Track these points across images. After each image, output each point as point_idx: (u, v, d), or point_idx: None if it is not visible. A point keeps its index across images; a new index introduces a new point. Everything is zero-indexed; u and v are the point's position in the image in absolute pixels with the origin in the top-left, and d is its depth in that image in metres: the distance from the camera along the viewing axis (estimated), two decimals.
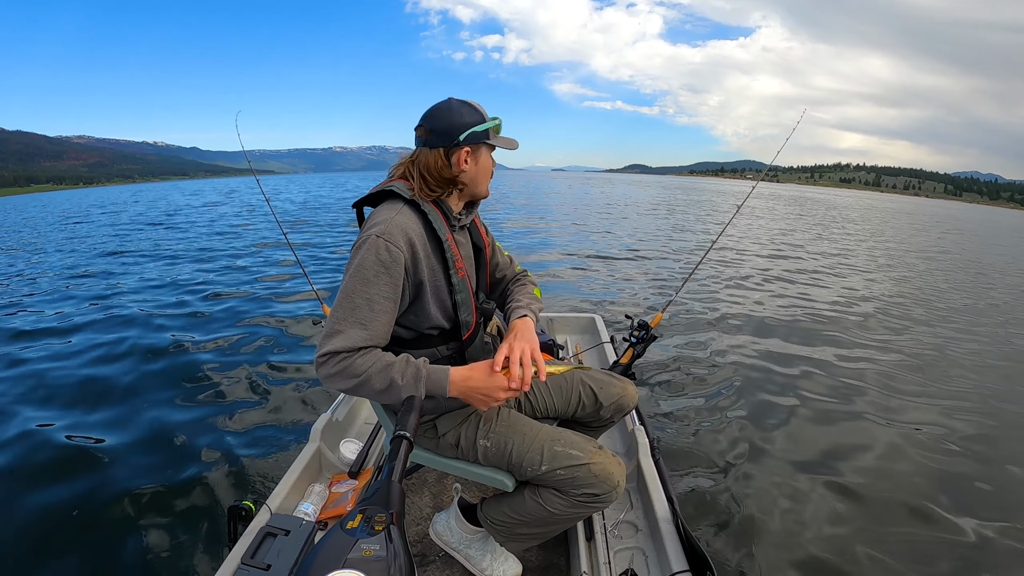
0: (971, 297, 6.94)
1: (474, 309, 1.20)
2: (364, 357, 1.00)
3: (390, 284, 1.03)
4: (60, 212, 24.39)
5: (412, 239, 1.06)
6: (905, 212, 34.95)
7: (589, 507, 1.13)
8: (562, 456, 1.12)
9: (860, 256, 10.30)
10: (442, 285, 1.15)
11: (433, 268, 1.13)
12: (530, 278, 1.42)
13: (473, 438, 1.20)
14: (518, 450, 1.15)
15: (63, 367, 3.78)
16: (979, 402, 3.39)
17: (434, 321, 1.16)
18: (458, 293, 1.15)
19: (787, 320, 5.13)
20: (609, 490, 1.10)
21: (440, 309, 1.16)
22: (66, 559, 1.92)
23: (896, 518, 2.19)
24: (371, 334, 1.01)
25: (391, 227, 1.04)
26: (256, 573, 1.15)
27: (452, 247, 1.14)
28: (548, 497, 1.13)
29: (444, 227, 1.13)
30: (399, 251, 1.03)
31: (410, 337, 1.17)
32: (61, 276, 7.58)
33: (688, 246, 10.28)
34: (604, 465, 1.11)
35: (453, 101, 1.14)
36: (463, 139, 1.11)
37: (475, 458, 1.22)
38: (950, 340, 4.78)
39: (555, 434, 1.17)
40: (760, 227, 14.83)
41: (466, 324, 1.19)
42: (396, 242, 1.03)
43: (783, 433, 2.84)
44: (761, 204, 28.16)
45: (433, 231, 1.11)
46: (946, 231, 19.84)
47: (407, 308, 1.12)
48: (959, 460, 2.66)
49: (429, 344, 1.18)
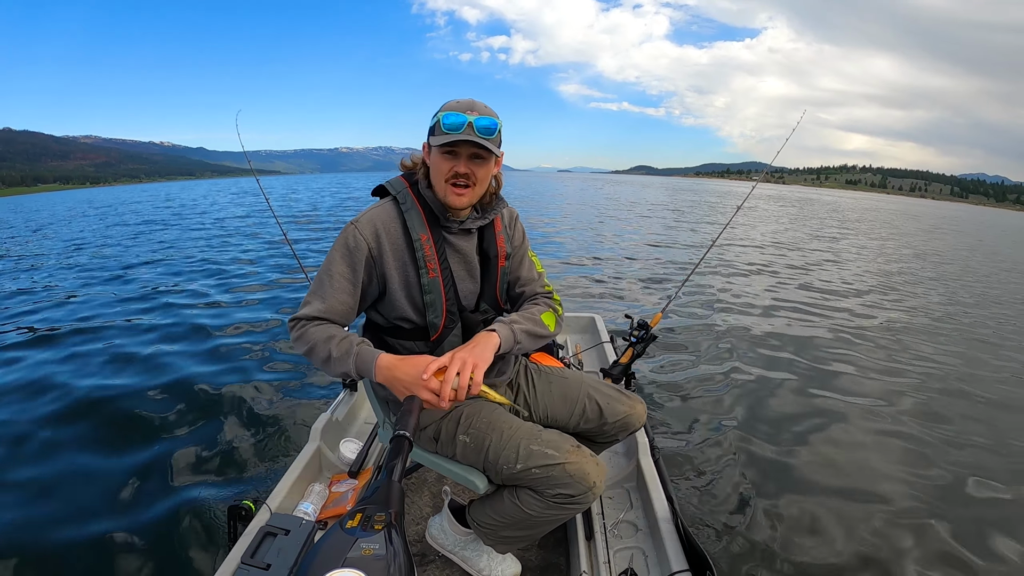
0: (969, 296, 6.95)
1: (444, 312, 1.17)
2: (317, 328, 1.09)
3: (350, 267, 1.11)
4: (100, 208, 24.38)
5: (380, 232, 1.13)
6: (908, 214, 34.99)
7: (565, 508, 1.10)
8: (538, 455, 1.09)
9: (858, 259, 10.30)
10: (413, 282, 1.16)
11: (404, 264, 1.15)
12: (553, 300, 1.34)
13: (453, 432, 1.20)
14: (495, 447, 1.14)
15: (63, 367, 3.78)
16: (981, 394, 3.39)
17: (404, 315, 1.18)
18: (427, 294, 1.15)
19: (787, 319, 5.14)
20: (584, 491, 1.07)
21: (411, 305, 1.17)
22: (66, 559, 1.93)
23: (896, 517, 2.19)
24: (327, 307, 1.10)
25: (364, 218, 1.14)
26: (256, 572, 1.15)
27: (425, 247, 1.14)
28: (525, 498, 1.12)
29: (422, 225, 1.15)
30: (363, 240, 1.11)
31: (385, 325, 1.22)
32: (61, 265, 7.58)
33: (688, 246, 10.28)
34: (580, 465, 1.08)
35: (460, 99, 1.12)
36: (428, 133, 1.14)
37: (453, 453, 1.21)
38: (960, 349, 4.77)
39: (533, 432, 1.15)
40: (760, 227, 14.82)
41: (433, 326, 1.18)
42: (363, 232, 1.12)
43: (783, 433, 2.84)
44: (762, 206, 28.15)
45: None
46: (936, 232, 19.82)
47: (379, 297, 1.18)
48: (960, 458, 2.66)
49: (402, 335, 1.21)
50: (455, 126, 1.05)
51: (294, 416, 2.92)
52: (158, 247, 10.38)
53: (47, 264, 8.80)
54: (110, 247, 10.65)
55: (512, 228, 1.31)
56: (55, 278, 7.41)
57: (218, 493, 2.27)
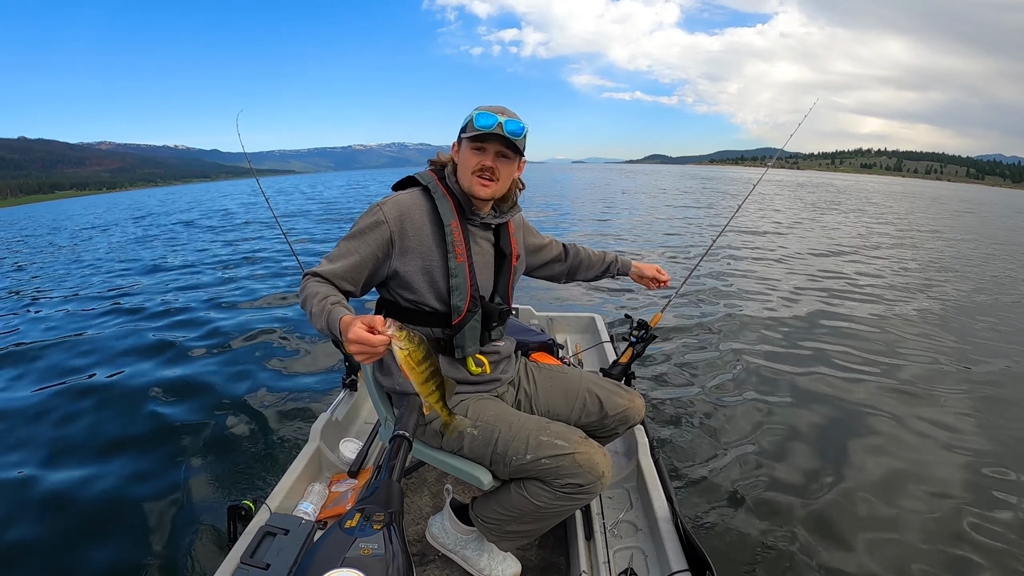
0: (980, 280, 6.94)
1: (468, 297, 1.21)
2: (313, 283, 1.13)
3: (363, 241, 1.17)
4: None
5: (404, 215, 1.18)
6: (916, 196, 34.84)
7: (574, 498, 1.13)
8: (547, 445, 1.13)
9: (868, 249, 10.27)
10: (437, 267, 1.20)
11: (428, 248, 1.20)
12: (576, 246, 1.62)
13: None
14: (504, 438, 1.16)
15: (60, 365, 3.79)
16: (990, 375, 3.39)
17: (423, 299, 1.21)
18: (453, 277, 1.19)
19: (788, 319, 5.13)
20: (594, 480, 1.11)
21: (431, 289, 1.20)
22: (66, 558, 1.93)
23: (895, 517, 2.19)
24: (333, 269, 1.15)
25: (391, 200, 1.21)
26: (255, 572, 1.15)
27: (455, 232, 1.20)
28: (533, 489, 1.14)
29: (452, 213, 1.21)
30: (385, 221, 1.16)
31: (405, 306, 1.24)
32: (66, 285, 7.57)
33: (689, 243, 10.26)
34: (589, 455, 1.12)
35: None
36: (460, 134, 1.22)
37: (459, 448, 1.23)
38: (967, 341, 4.76)
39: (541, 424, 1.19)
40: (769, 218, 14.75)
41: (457, 309, 1.21)
42: (387, 212, 1.17)
43: (783, 432, 2.84)
44: (770, 190, 27.80)
45: (438, 215, 1.20)
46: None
47: (394, 277, 1.21)
48: (961, 452, 2.66)
49: (420, 321, 1.23)
50: (487, 124, 1.14)
51: (294, 416, 2.92)
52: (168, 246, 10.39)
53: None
54: (108, 253, 10.65)
55: (521, 231, 1.42)
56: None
57: (218, 493, 2.27)
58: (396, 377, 1.28)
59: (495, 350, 1.33)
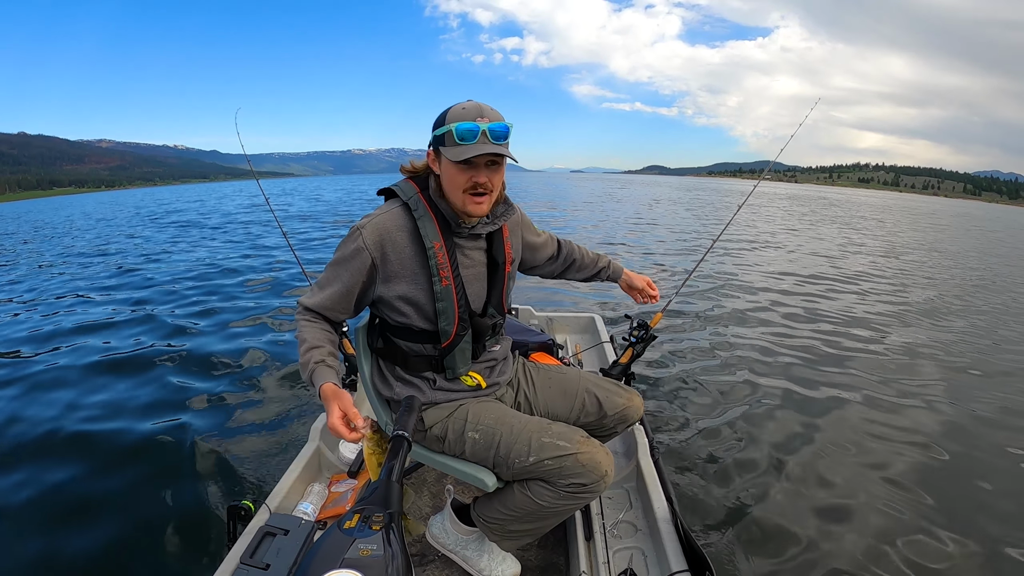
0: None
1: (456, 320, 1.18)
2: (307, 325, 1.17)
3: (346, 269, 1.15)
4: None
5: (384, 239, 1.13)
6: (909, 209, 34.95)
7: (578, 498, 1.13)
8: (549, 447, 1.12)
9: (860, 255, 10.28)
10: (422, 290, 1.16)
11: (412, 272, 1.15)
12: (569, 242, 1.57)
13: (461, 431, 1.21)
14: (506, 441, 1.16)
15: (62, 364, 3.79)
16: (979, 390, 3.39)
17: (411, 321, 1.19)
18: (439, 302, 1.16)
19: (788, 319, 5.13)
20: (597, 479, 1.10)
21: (418, 313, 1.18)
22: (62, 557, 1.92)
23: (895, 518, 2.19)
24: (321, 299, 1.17)
25: (371, 225, 1.14)
26: (255, 572, 1.15)
27: (438, 255, 1.14)
28: (537, 490, 1.14)
29: (435, 233, 1.14)
30: (365, 249, 1.12)
31: (395, 325, 1.23)
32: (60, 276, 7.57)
33: (689, 245, 10.27)
34: (592, 455, 1.11)
35: (462, 102, 1.09)
36: (432, 140, 1.12)
37: (461, 451, 1.22)
38: (968, 344, 4.77)
39: (543, 425, 1.18)
40: (762, 227, 14.81)
41: (445, 333, 1.19)
42: (367, 238, 1.12)
43: (783, 433, 2.84)
44: (766, 202, 28.12)
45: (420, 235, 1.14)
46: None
47: (381, 301, 1.20)
48: (959, 464, 2.66)
49: (411, 338, 1.22)
50: (469, 136, 1.03)
51: (294, 416, 2.92)
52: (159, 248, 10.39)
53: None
54: (111, 244, 10.66)
55: (519, 230, 1.35)
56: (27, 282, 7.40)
57: (218, 493, 2.27)
58: (394, 387, 1.27)
59: (490, 356, 1.31)
